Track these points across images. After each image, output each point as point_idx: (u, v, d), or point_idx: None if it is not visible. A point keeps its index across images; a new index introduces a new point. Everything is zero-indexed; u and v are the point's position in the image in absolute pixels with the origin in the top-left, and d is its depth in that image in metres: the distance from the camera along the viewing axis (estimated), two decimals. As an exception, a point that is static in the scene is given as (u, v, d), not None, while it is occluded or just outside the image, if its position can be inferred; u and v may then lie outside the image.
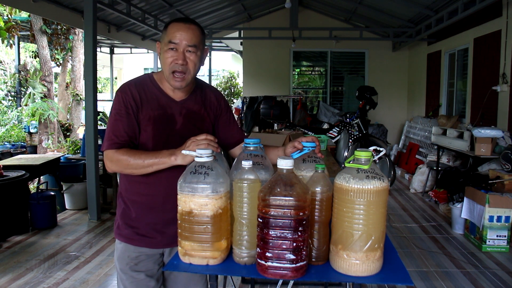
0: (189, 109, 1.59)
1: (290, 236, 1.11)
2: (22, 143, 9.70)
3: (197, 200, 1.21)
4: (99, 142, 4.65)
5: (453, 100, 6.91)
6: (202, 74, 16.94)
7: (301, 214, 1.11)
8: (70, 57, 10.58)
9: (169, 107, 1.56)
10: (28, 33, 10.01)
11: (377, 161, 1.30)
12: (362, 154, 1.17)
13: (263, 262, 1.14)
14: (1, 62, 11.72)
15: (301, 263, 1.13)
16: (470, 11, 5.11)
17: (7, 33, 9.01)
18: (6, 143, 9.57)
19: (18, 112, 10.65)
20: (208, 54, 14.02)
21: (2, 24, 8.45)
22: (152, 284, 1.61)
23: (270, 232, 1.11)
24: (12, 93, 11.25)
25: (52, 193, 4.52)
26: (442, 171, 5.51)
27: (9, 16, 8.88)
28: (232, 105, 12.00)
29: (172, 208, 1.53)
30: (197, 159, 1.24)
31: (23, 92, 10.78)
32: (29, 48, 12.94)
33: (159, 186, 1.54)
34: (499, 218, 3.71)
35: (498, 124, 5.19)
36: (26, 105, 9.95)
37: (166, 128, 1.54)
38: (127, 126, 1.49)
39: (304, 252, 1.14)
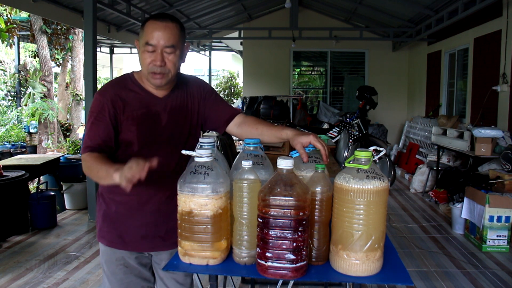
0: (173, 105, 1.56)
1: (290, 236, 1.11)
2: (22, 143, 9.71)
3: (197, 200, 1.21)
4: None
5: (453, 100, 6.91)
6: (202, 74, 16.94)
7: (301, 214, 1.11)
8: (70, 57, 10.58)
9: (153, 105, 1.52)
10: (28, 33, 10.00)
11: (377, 161, 1.29)
12: (362, 154, 1.17)
13: (263, 262, 1.14)
14: (1, 62, 11.72)
15: (301, 263, 1.13)
16: (470, 11, 5.11)
17: (7, 34, 9.00)
18: (6, 143, 9.58)
19: (18, 112, 10.65)
20: (208, 54, 14.04)
21: (3, 25, 8.43)
22: (145, 285, 1.62)
23: (270, 232, 1.11)
24: (12, 93, 11.26)
25: (52, 193, 4.52)
26: (442, 171, 5.51)
27: (9, 16, 8.87)
28: (232, 105, 11.99)
29: (153, 210, 1.52)
30: (197, 159, 1.24)
31: (23, 92, 10.79)
32: (29, 48, 12.93)
33: (140, 187, 1.43)
34: (499, 218, 3.71)
35: (498, 124, 5.18)
36: (26, 105, 9.95)
37: (151, 126, 1.52)
38: (102, 130, 1.46)
39: (304, 252, 1.13)
